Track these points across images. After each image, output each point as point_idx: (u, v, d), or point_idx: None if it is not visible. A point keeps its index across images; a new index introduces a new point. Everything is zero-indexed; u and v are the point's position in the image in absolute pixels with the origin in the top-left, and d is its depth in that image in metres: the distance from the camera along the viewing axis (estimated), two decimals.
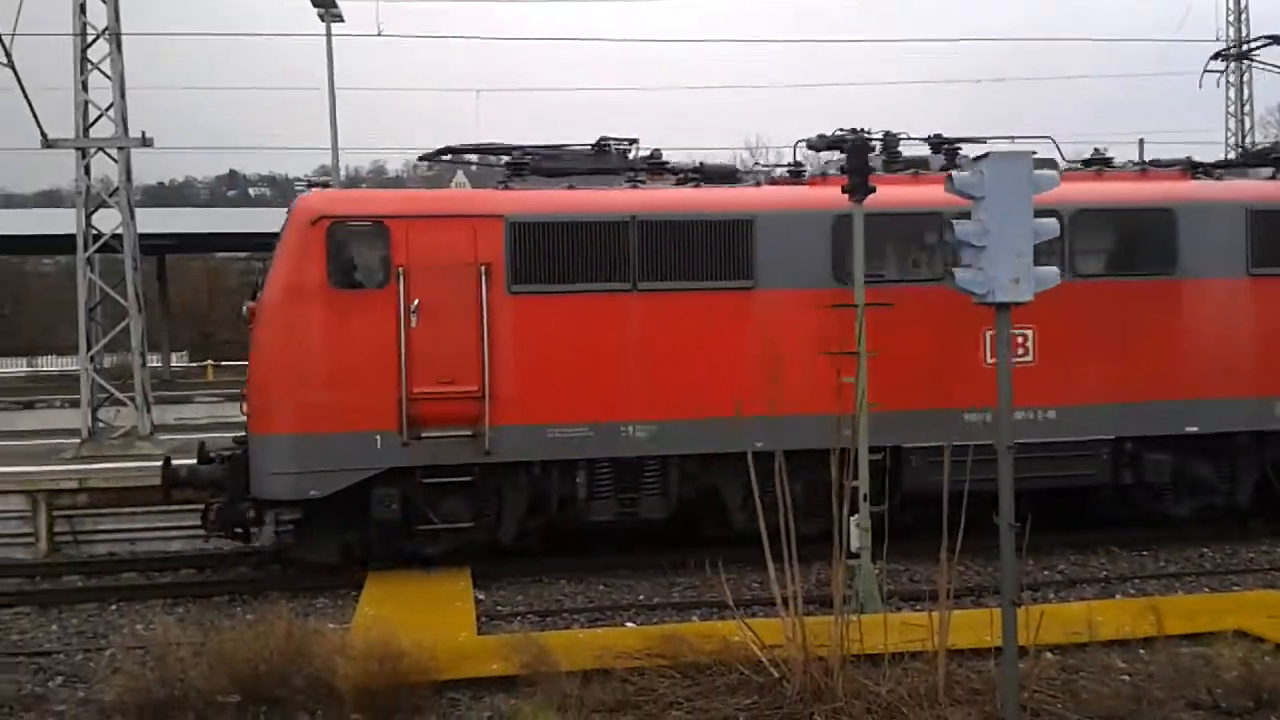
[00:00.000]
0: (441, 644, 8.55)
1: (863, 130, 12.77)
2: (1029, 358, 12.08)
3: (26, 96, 17.99)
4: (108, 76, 19.14)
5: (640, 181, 12.40)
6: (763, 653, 7.70)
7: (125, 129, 18.98)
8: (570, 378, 11.56)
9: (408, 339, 11.19)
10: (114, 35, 19.16)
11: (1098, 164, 13.22)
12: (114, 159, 19.12)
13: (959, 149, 12.96)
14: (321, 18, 24.35)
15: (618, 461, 11.77)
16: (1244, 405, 12.55)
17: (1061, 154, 13.42)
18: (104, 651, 9.46)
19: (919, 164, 12.82)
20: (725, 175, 12.99)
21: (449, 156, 13.05)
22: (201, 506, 11.56)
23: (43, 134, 18.49)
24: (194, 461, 11.66)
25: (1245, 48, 13.99)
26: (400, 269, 11.24)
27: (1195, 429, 12.46)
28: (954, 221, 6.83)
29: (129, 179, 19.28)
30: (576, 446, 11.61)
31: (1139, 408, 12.25)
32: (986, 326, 11.65)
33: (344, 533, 11.56)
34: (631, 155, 12.76)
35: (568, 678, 7.87)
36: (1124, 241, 12.72)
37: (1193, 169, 13.34)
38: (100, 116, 19.04)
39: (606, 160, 12.55)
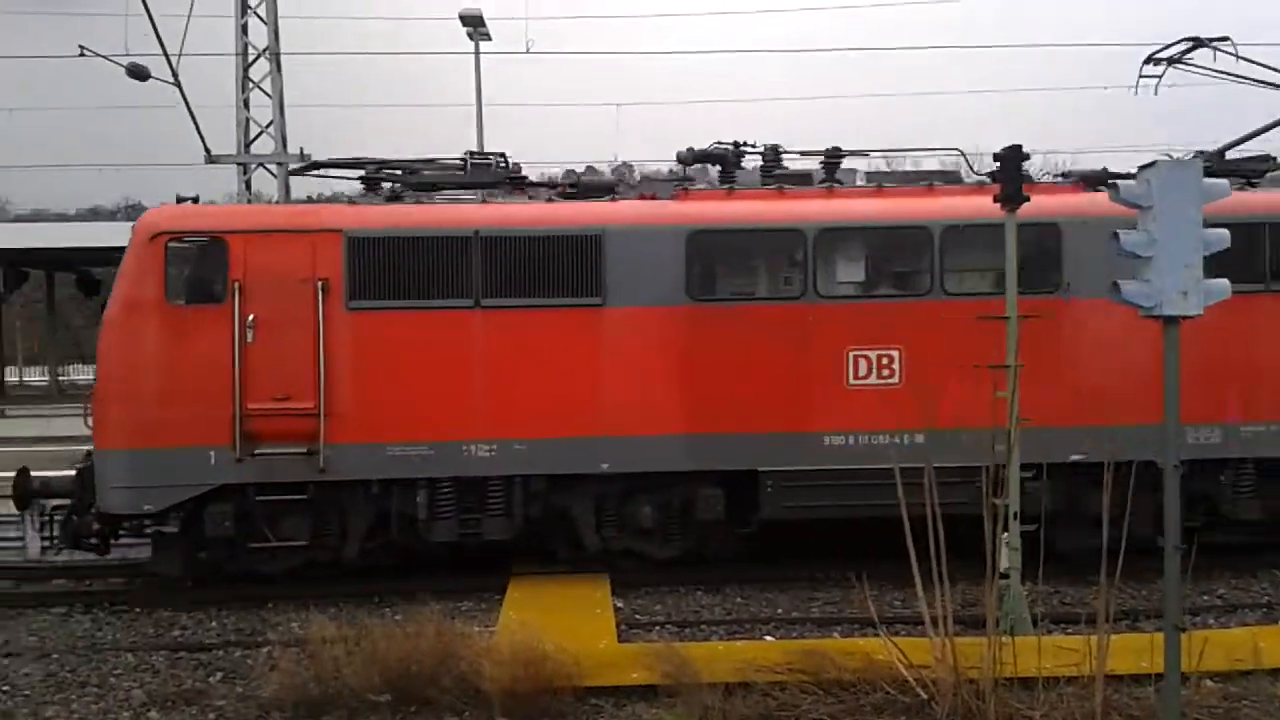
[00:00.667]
0: (584, 650, 8.67)
1: (743, 143, 12.49)
2: (895, 380, 11.56)
3: (192, 114, 18.88)
4: (268, 95, 19.98)
5: (498, 196, 12.20)
6: (910, 672, 7.56)
7: (284, 145, 19.78)
8: (410, 396, 11.34)
9: (243, 355, 11.13)
10: (274, 55, 20.00)
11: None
12: (273, 174, 19.95)
13: (838, 163, 12.43)
14: (471, 36, 24.97)
15: (460, 481, 11.51)
16: (1141, 433, 11.11)
17: (970, 166, 12.86)
18: (261, 648, 9.84)
19: (802, 179, 12.32)
20: (602, 189, 12.49)
21: (317, 171, 12.95)
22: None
23: (206, 150, 19.38)
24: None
25: (1174, 52, 12.92)
26: (236, 284, 11.18)
27: (1082, 457, 11.36)
28: (1119, 232, 6.59)
29: (287, 193, 20.08)
30: (417, 465, 11.36)
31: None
32: (849, 346, 11.52)
33: (190, 548, 11.58)
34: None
35: (709, 689, 7.87)
36: (1003, 258, 12.05)
37: (1090, 182, 12.32)
38: (261, 133, 19.87)
39: (476, 175, 12.32)
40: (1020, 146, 10.02)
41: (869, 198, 12.10)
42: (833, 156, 12.47)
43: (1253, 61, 12.46)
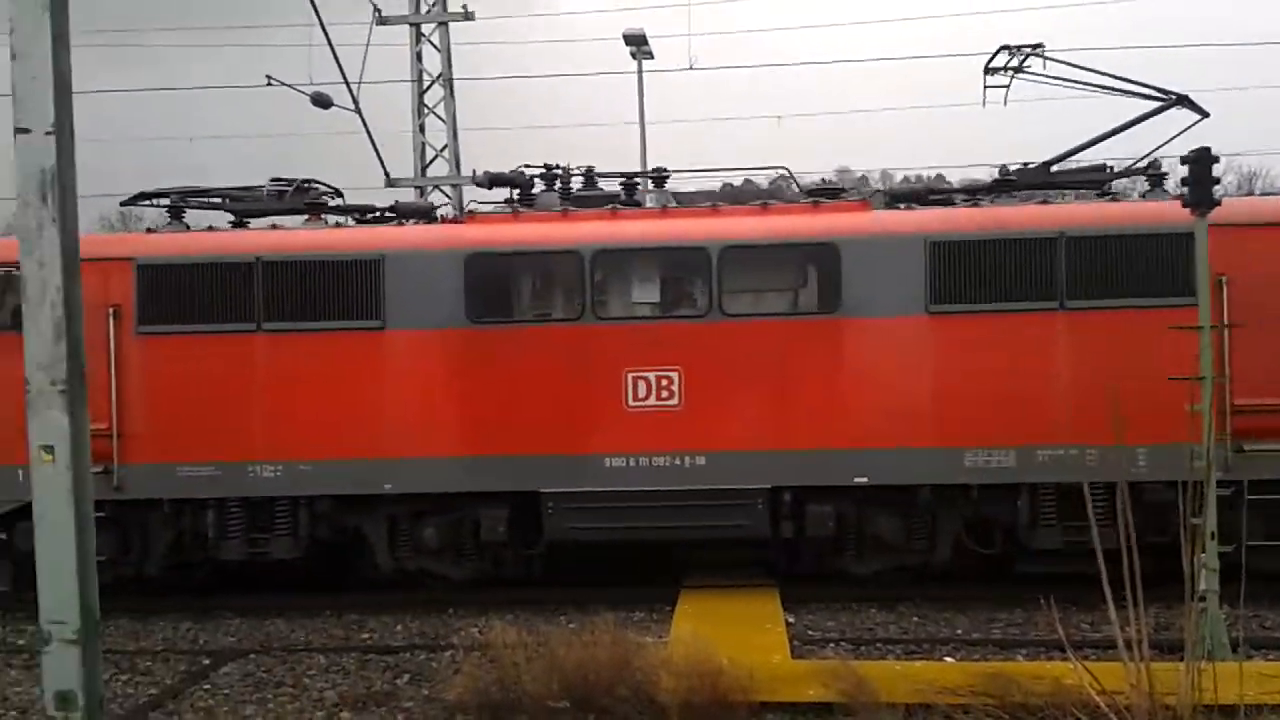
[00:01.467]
0: (757, 665, 8.63)
1: (555, 166, 12.79)
2: (674, 401, 11.52)
3: (372, 139, 19.68)
4: (442, 120, 20.66)
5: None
6: (1102, 698, 7.25)
7: (458, 167, 20.43)
8: (198, 417, 11.74)
9: None
10: (447, 81, 20.68)
11: (823, 194, 12.36)
12: (448, 196, 20.59)
13: (636, 184, 12.83)
14: (634, 55, 25.29)
15: (248, 501, 11.91)
16: (925, 455, 11.23)
17: (798, 186, 12.93)
18: (444, 652, 10.13)
19: (605, 200, 12.55)
20: (419, 213, 13.12)
21: (147, 201, 13.39)
22: None
23: (386, 174, 20.15)
24: None
25: (1001, 61, 12.15)
26: None
27: (865, 480, 11.33)
28: None
29: (462, 213, 20.80)
30: (205, 486, 11.78)
31: (798, 456, 11.37)
32: (628, 368, 11.55)
33: (15, 562, 12.01)
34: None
35: (888, 710, 7.74)
36: (782, 278, 12.02)
37: (899, 199, 12.43)
38: (436, 157, 20.55)
39: (270, 201, 13.09)
40: (1209, 149, 9.60)
41: (652, 219, 12.28)
42: (632, 177, 12.88)
43: (1071, 64, 11.87)
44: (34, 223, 6.24)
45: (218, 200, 13.36)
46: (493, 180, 12.99)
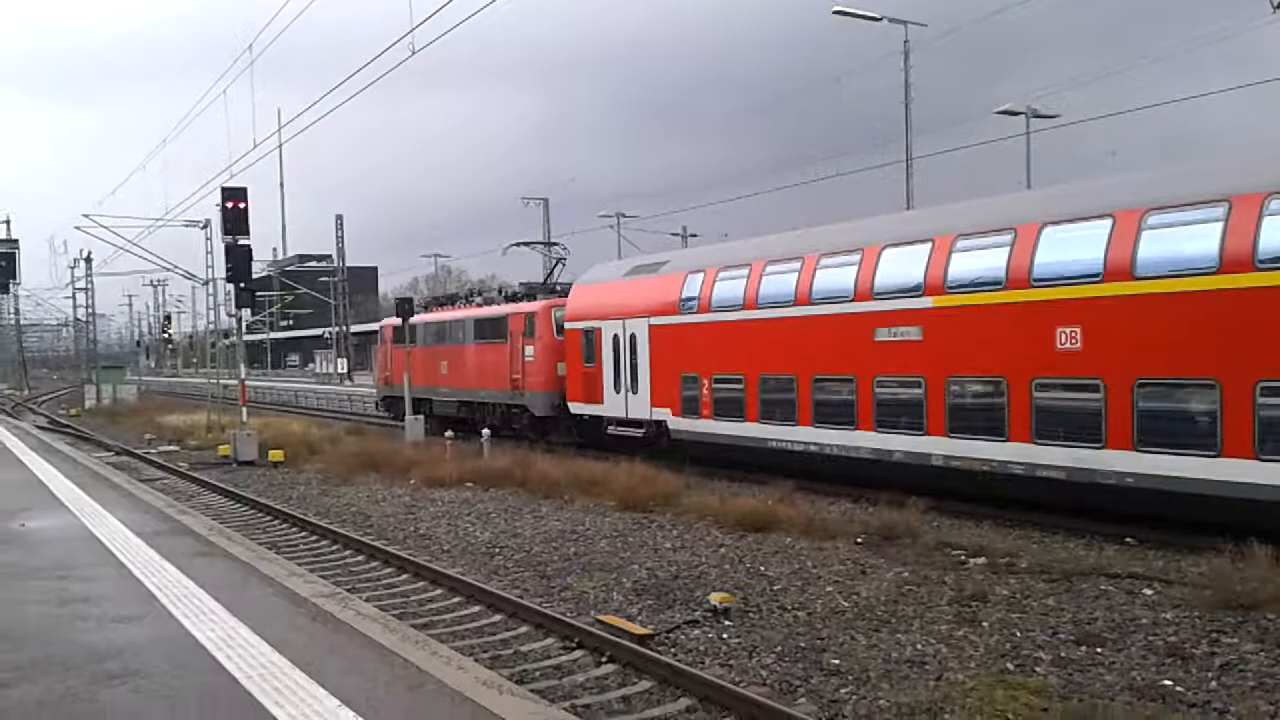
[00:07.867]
0: None
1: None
2: (447, 373, 33.91)
3: None
4: None
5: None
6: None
7: None
8: (425, 373, 35.94)
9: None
10: None
11: (535, 294, 31.80)
12: None
13: (463, 294, 39.51)
14: None
15: (452, 402, 35.84)
16: (492, 393, 31.14)
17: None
18: None
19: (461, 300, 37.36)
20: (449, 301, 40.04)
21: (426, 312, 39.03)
22: None
23: None
24: None
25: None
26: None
27: (472, 399, 32.40)
28: None
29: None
30: (431, 395, 36.03)
31: (475, 392, 32.26)
32: (440, 360, 34.51)
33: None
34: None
35: None
36: (482, 332, 32.02)
37: (515, 298, 32.37)
38: None
39: (437, 303, 40.12)
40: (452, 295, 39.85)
41: (452, 310, 35.89)
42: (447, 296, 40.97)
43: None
44: None
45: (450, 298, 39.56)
46: (433, 298, 41.33)
